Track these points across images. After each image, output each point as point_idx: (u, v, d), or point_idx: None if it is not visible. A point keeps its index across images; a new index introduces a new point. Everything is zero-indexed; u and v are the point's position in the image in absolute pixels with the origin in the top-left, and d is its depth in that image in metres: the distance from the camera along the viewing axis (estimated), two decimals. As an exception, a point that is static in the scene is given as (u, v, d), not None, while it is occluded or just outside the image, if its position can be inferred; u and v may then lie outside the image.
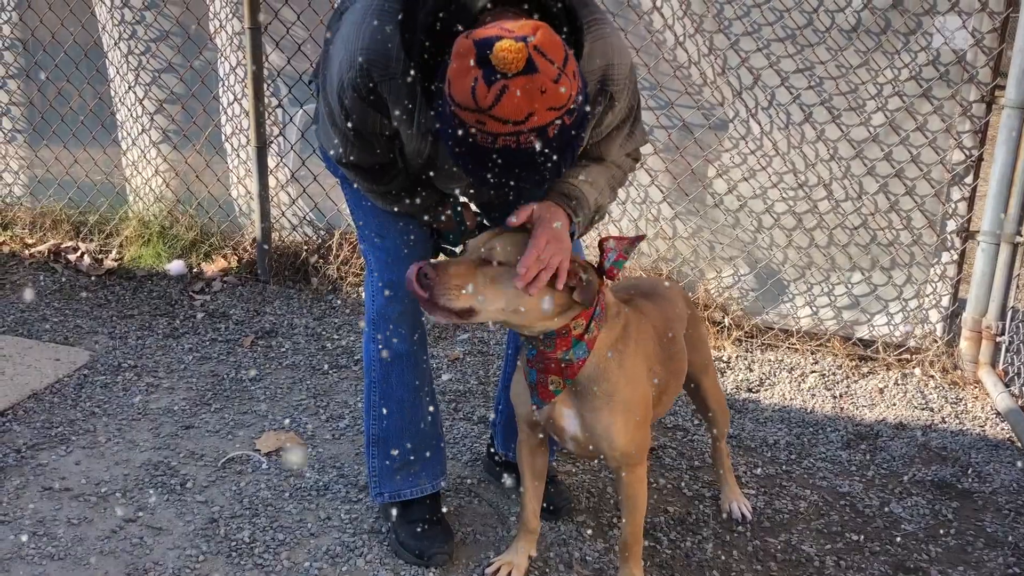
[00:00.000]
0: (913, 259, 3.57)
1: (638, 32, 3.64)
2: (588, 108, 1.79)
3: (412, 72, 1.84)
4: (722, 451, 2.68)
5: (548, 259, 1.92)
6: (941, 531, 2.65)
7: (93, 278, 4.15)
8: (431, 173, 2.10)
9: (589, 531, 2.55)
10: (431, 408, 2.48)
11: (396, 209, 2.24)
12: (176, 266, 4.18)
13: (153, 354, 3.51)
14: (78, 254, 4.30)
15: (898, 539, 2.61)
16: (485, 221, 2.44)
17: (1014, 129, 3.28)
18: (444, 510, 2.53)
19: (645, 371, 2.18)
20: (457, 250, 2.41)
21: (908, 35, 3.36)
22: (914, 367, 3.55)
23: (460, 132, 1.70)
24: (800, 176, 3.60)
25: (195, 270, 4.19)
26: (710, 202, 3.75)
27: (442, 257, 2.45)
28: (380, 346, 2.36)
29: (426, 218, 2.30)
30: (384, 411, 2.42)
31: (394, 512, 2.47)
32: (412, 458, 2.44)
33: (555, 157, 1.72)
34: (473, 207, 2.40)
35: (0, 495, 2.62)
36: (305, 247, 4.21)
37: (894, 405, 3.34)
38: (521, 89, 1.63)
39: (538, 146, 1.68)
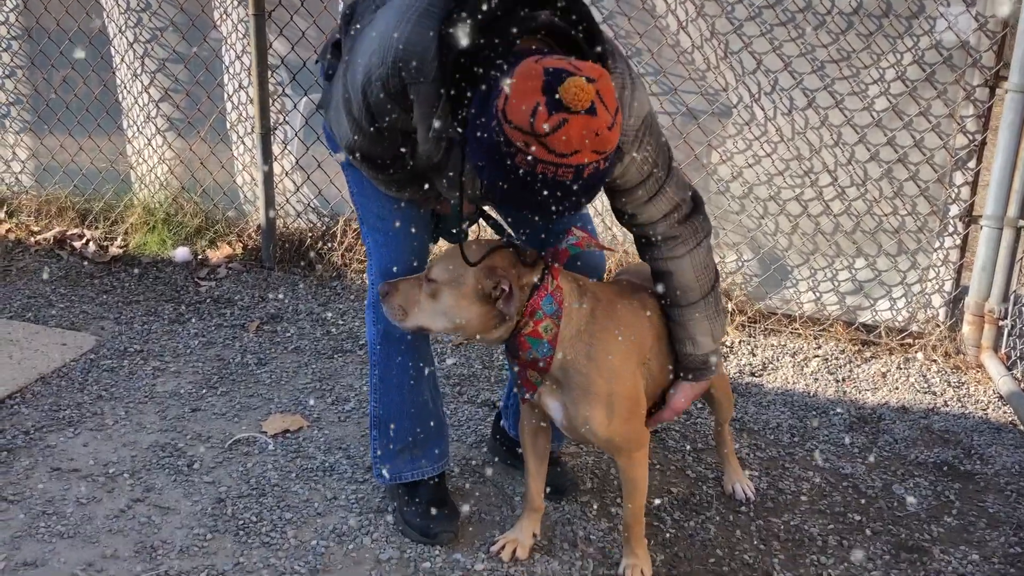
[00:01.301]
0: (918, 244, 3.58)
1: (642, 18, 3.65)
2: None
3: (443, 80, 1.85)
4: (725, 434, 2.69)
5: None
6: (943, 512, 2.67)
7: (98, 265, 4.17)
8: (440, 177, 2.10)
9: (593, 511, 2.57)
10: (433, 391, 2.49)
11: (398, 195, 2.25)
12: (181, 253, 4.20)
13: (159, 339, 3.53)
14: (83, 241, 4.31)
15: (901, 519, 2.62)
16: (486, 208, 2.45)
17: (1018, 113, 3.28)
18: (450, 490, 2.55)
19: (629, 362, 2.14)
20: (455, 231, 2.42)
21: (910, 19, 3.36)
22: (917, 352, 3.56)
23: (500, 147, 1.71)
24: (805, 163, 3.60)
25: (200, 257, 4.21)
26: (713, 188, 3.76)
27: (443, 243, 2.47)
28: (380, 328, 2.37)
29: (428, 205, 2.31)
30: (386, 393, 2.43)
31: (400, 492, 2.49)
32: (414, 440, 2.46)
33: (577, 196, 1.76)
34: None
35: (9, 476, 2.64)
36: (310, 234, 4.22)
37: (897, 389, 3.35)
38: (579, 127, 1.67)
39: (570, 182, 1.72)
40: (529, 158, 1.69)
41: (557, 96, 1.65)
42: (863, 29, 3.41)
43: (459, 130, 1.90)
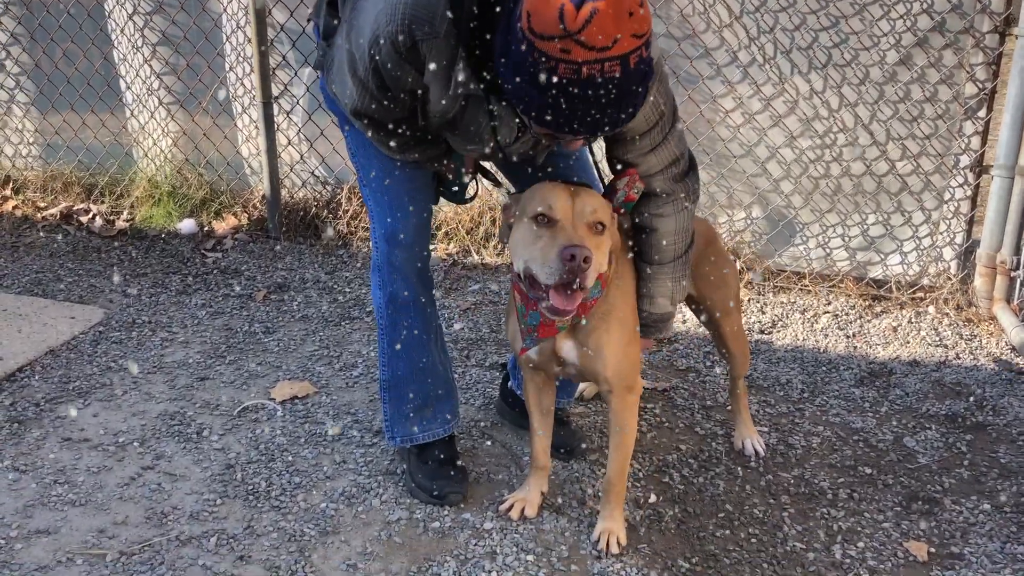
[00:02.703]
0: (931, 197, 3.53)
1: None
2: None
3: (457, 33, 1.82)
4: (739, 390, 2.67)
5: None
6: (955, 463, 2.65)
7: (105, 239, 4.17)
8: (454, 132, 2.07)
9: (601, 469, 2.57)
10: (441, 354, 2.48)
11: (401, 157, 2.22)
12: (187, 225, 4.20)
13: (167, 310, 3.54)
14: (90, 216, 4.32)
15: (912, 471, 2.61)
16: (487, 165, 2.42)
17: (1028, 59, 3.22)
18: (459, 451, 2.55)
19: (633, 288, 2.22)
20: (464, 192, 2.40)
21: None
22: (928, 305, 3.52)
23: (539, 68, 1.66)
24: (824, 123, 3.54)
25: (206, 228, 4.20)
26: (721, 147, 3.71)
27: (443, 203, 2.44)
28: (386, 292, 2.36)
29: (430, 166, 2.28)
30: (395, 357, 2.43)
31: (410, 454, 2.49)
32: (423, 403, 2.46)
33: (630, 95, 1.69)
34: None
35: (21, 446, 2.66)
36: (315, 203, 4.21)
37: (908, 343, 3.32)
38: (611, 10, 1.61)
39: (619, 77, 1.66)
40: (571, 65, 1.63)
41: None
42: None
43: (481, 84, 1.87)
